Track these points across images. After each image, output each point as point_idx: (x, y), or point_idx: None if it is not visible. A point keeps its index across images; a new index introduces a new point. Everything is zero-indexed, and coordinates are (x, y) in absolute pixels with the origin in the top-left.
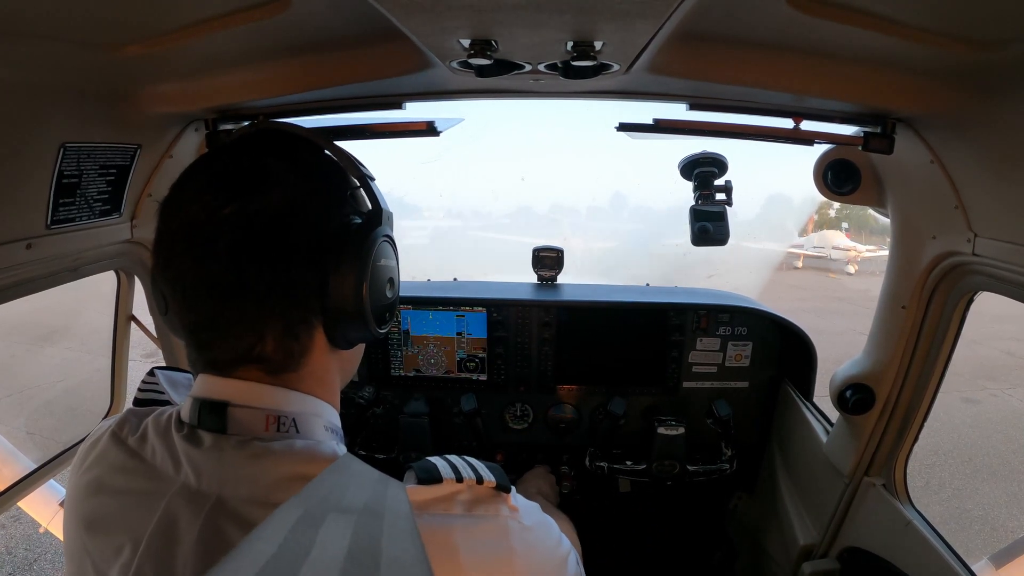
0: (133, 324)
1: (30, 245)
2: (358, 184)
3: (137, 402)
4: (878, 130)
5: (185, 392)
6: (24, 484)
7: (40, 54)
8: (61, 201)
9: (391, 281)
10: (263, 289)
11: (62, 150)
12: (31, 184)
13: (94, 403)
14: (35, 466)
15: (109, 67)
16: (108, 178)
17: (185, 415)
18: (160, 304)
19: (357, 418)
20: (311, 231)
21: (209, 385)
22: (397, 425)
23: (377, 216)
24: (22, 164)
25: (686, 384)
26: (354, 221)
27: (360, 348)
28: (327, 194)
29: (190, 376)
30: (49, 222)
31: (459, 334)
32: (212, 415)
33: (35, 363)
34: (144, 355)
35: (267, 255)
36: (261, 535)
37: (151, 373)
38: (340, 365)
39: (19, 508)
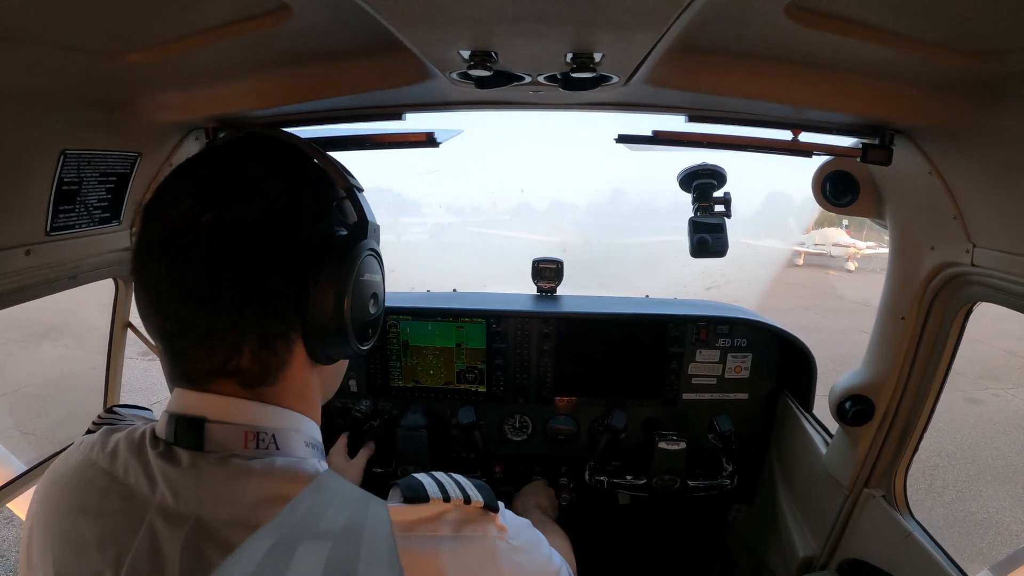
0: (130, 331)
1: (29, 252)
2: (345, 195)
3: (90, 433)
4: (876, 141)
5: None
6: (14, 486)
7: (41, 61)
8: (61, 208)
9: (375, 296)
10: (240, 300)
11: (62, 157)
12: (31, 191)
13: (90, 403)
14: (25, 468)
15: (110, 75)
16: (108, 186)
17: (160, 431)
18: (141, 310)
19: (354, 431)
20: (292, 241)
21: (184, 400)
22: (395, 438)
23: (363, 228)
24: (22, 171)
25: (686, 396)
26: (339, 232)
27: (343, 364)
28: (311, 204)
29: (151, 410)
30: (48, 229)
31: (458, 345)
32: (188, 432)
33: (31, 361)
34: (141, 353)
35: (245, 265)
36: (230, 569)
37: (110, 410)
38: (321, 380)
39: (11, 512)
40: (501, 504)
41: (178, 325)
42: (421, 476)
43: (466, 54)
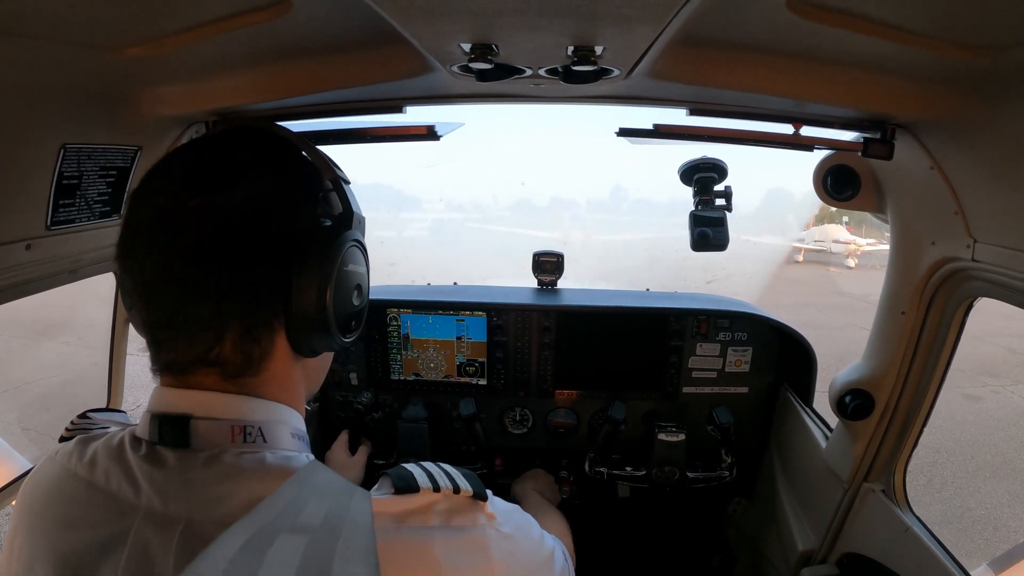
0: (131, 327)
1: (30, 246)
2: (332, 186)
3: (63, 440)
4: (878, 136)
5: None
6: (18, 485)
7: (41, 55)
8: (61, 202)
9: (359, 288)
10: (223, 287)
11: (62, 151)
12: (31, 185)
13: (92, 399)
14: (31, 465)
15: (110, 69)
16: (108, 179)
17: (142, 432)
18: (126, 299)
19: (355, 424)
20: (278, 230)
21: (167, 398)
22: (396, 430)
23: (348, 219)
24: (22, 165)
25: (686, 389)
26: (323, 223)
27: (327, 357)
28: (297, 194)
29: (126, 414)
30: (49, 223)
31: (459, 338)
32: (173, 430)
33: (32, 358)
34: (141, 349)
35: (230, 252)
36: (203, 564)
37: (83, 415)
38: (305, 373)
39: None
40: (489, 492)
41: (161, 313)
42: (411, 466)
43: (467, 47)
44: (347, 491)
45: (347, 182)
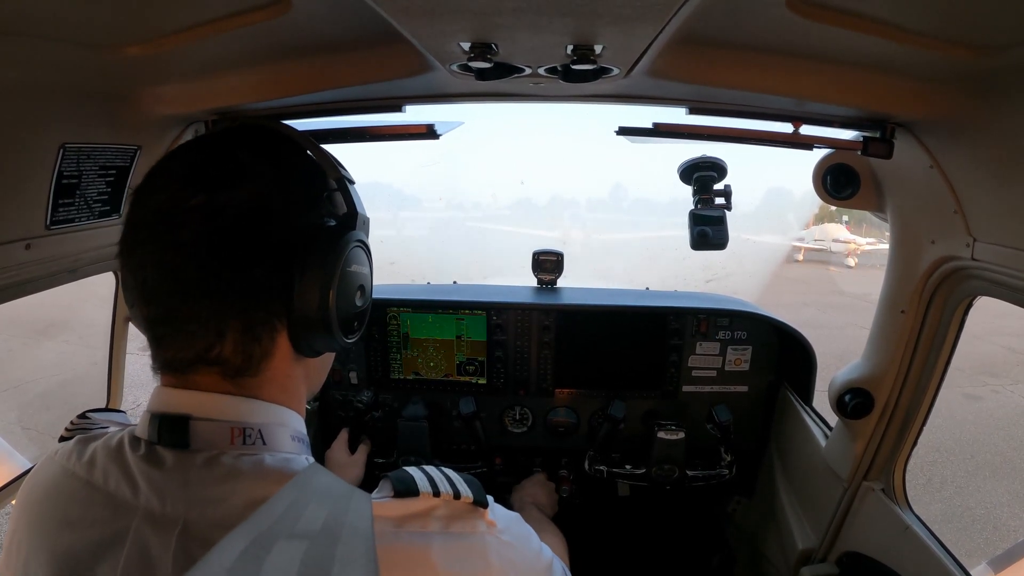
0: (131, 326)
1: (29, 246)
2: (336, 186)
3: (63, 440)
4: (877, 135)
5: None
6: (19, 483)
7: (41, 55)
8: (61, 202)
9: (362, 288)
10: (224, 286)
11: (62, 151)
12: (31, 185)
13: (92, 398)
14: (31, 465)
15: (109, 68)
16: (108, 179)
17: (141, 432)
18: (127, 296)
19: (356, 423)
20: (280, 230)
21: (167, 398)
22: (396, 429)
23: (352, 220)
24: (22, 164)
25: (685, 388)
26: (327, 223)
27: (328, 358)
28: (300, 193)
29: (125, 413)
30: (48, 223)
31: (458, 337)
32: (173, 430)
33: (32, 357)
34: (141, 348)
35: (232, 251)
36: (202, 571)
37: (83, 416)
38: (305, 374)
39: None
40: (490, 498)
41: (162, 310)
42: (412, 469)
43: (466, 46)
44: (346, 494)
45: (351, 182)
